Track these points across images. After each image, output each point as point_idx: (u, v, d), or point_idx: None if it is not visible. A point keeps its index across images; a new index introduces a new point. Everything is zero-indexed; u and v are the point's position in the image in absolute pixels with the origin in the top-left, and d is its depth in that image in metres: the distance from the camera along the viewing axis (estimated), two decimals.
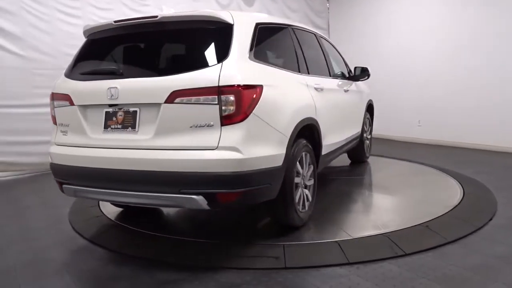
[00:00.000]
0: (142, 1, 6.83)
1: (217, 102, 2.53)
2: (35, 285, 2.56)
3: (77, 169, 2.92)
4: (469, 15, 6.87)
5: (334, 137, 4.04)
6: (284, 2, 8.77)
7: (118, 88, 2.76)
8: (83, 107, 2.95)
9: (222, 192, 2.59)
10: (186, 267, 2.71)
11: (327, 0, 9.55)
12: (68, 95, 3.01)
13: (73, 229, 3.52)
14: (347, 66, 5.11)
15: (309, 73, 3.69)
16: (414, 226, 3.20)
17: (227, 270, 2.62)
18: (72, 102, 2.98)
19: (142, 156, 2.67)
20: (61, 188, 3.10)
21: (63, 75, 3.18)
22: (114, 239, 3.29)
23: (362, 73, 4.97)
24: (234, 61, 2.68)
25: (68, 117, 3.04)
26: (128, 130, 2.78)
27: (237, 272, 2.58)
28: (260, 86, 2.72)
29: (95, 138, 2.89)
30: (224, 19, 2.79)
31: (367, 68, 4.97)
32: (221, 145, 2.54)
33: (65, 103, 3.03)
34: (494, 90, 6.56)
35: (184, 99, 2.58)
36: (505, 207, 3.68)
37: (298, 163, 3.12)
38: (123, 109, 2.80)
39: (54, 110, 3.15)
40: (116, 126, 2.83)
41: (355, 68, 5.01)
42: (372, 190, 4.72)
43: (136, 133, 2.75)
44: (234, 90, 2.55)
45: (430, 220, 3.30)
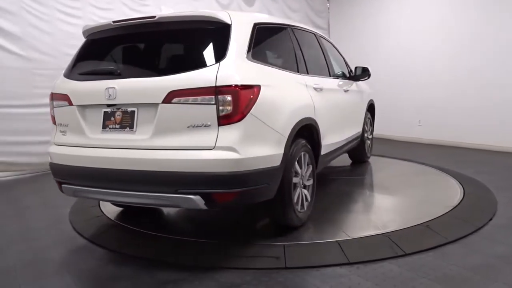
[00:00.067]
0: (142, 1, 6.84)
1: (214, 102, 2.53)
2: (35, 285, 2.56)
3: (76, 169, 2.92)
4: (469, 15, 6.87)
5: (333, 137, 4.04)
6: (284, 2, 8.77)
7: (116, 88, 2.77)
8: (81, 107, 2.96)
9: (219, 192, 2.59)
10: (186, 267, 2.71)
11: (328, 0, 9.55)
12: (67, 95, 3.01)
13: (74, 229, 3.52)
14: (348, 66, 5.10)
15: (308, 73, 3.69)
16: (414, 226, 3.20)
17: (227, 270, 2.62)
18: (70, 102, 2.99)
19: (140, 156, 2.67)
20: (60, 187, 3.11)
21: (62, 75, 3.19)
22: (114, 239, 3.29)
23: (363, 73, 4.96)
24: (232, 61, 2.68)
25: (67, 117, 3.04)
26: (126, 130, 2.79)
27: (237, 272, 2.58)
28: (258, 86, 2.72)
29: (94, 138, 2.90)
30: (221, 19, 2.79)
31: (368, 68, 4.96)
32: (218, 145, 2.54)
33: (64, 103, 3.03)
34: (494, 90, 6.55)
35: (182, 99, 2.59)
36: (506, 207, 3.68)
37: (296, 163, 3.12)
38: (121, 109, 2.81)
39: (53, 110, 3.16)
40: (114, 126, 2.83)
41: (356, 68, 5.00)
42: (372, 190, 4.72)
43: (134, 133, 2.76)
44: (231, 90, 2.55)
45: (431, 220, 3.30)
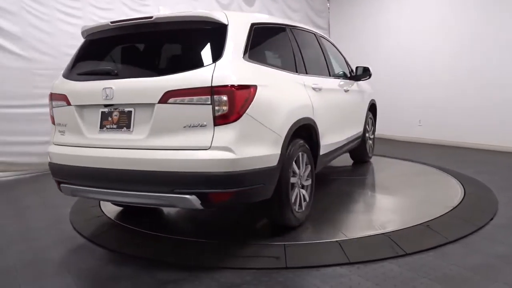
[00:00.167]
0: (142, 1, 6.83)
1: (210, 102, 2.54)
2: (35, 285, 2.56)
3: (74, 169, 2.94)
4: (469, 15, 6.87)
5: (333, 137, 4.02)
6: (284, 2, 8.76)
7: (113, 89, 2.78)
8: (79, 107, 2.97)
9: (215, 192, 2.59)
10: (186, 267, 2.71)
11: (328, 0, 9.55)
12: (65, 95, 3.03)
13: (74, 229, 3.52)
14: (349, 65, 5.09)
15: (307, 73, 3.67)
16: (415, 226, 3.20)
17: (227, 270, 2.61)
18: (69, 102, 3.01)
19: (136, 156, 2.68)
20: (59, 187, 3.12)
21: (61, 76, 3.20)
22: (114, 239, 3.29)
23: (364, 73, 4.95)
24: (228, 62, 2.68)
25: (65, 117, 3.06)
26: (123, 130, 2.79)
27: (237, 272, 2.58)
28: (254, 86, 2.72)
29: (91, 138, 2.91)
30: (218, 20, 2.79)
31: (369, 68, 4.95)
32: (214, 145, 2.55)
33: (63, 103, 3.05)
34: (494, 90, 6.55)
35: (178, 99, 2.59)
36: (506, 206, 3.68)
37: (294, 163, 3.12)
38: (118, 109, 2.82)
39: (52, 110, 3.18)
40: (112, 126, 2.84)
41: (357, 67, 4.99)
42: (372, 190, 4.72)
43: (131, 133, 2.76)
44: (227, 90, 2.55)
45: (431, 220, 3.29)
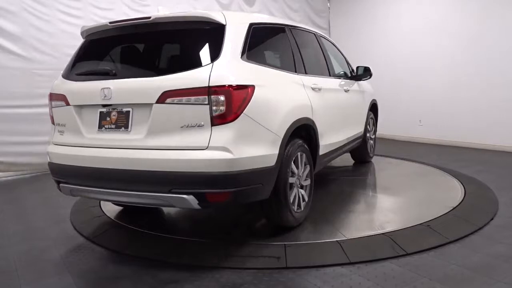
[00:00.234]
0: (143, 1, 6.83)
1: (207, 102, 2.54)
2: (36, 285, 2.56)
3: (73, 168, 2.95)
4: (470, 14, 6.86)
5: (332, 137, 4.02)
6: (285, 2, 8.75)
7: (111, 89, 2.78)
8: (78, 107, 2.99)
9: (212, 192, 2.59)
10: (187, 267, 2.71)
11: None
12: (64, 95, 3.04)
13: (74, 228, 3.53)
14: (349, 65, 5.08)
15: (307, 73, 3.67)
16: (415, 225, 3.20)
17: (228, 270, 2.62)
18: (68, 102, 3.02)
19: (134, 155, 2.69)
20: (58, 187, 3.13)
21: (61, 76, 3.21)
22: (115, 239, 3.29)
23: (365, 73, 4.95)
24: (225, 62, 2.69)
25: (64, 117, 3.07)
26: (121, 130, 2.80)
27: (238, 272, 2.59)
28: (252, 86, 2.72)
29: (90, 137, 2.92)
30: (216, 20, 2.79)
31: (369, 68, 4.95)
32: (211, 145, 2.55)
33: (62, 103, 3.06)
34: (495, 89, 6.55)
35: (175, 99, 2.59)
36: (507, 206, 3.68)
37: (293, 163, 3.12)
38: (116, 109, 2.82)
39: (51, 110, 3.19)
40: (110, 126, 2.85)
41: (358, 67, 4.98)
42: (373, 190, 4.72)
43: (129, 133, 2.77)
44: (224, 90, 2.55)
45: (431, 219, 3.29)
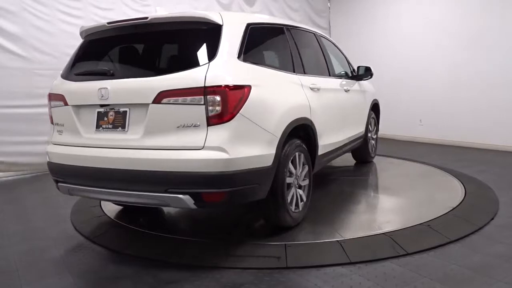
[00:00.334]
0: (143, 1, 6.83)
1: (203, 103, 2.54)
2: (36, 285, 2.56)
3: (71, 168, 2.96)
4: (470, 14, 6.86)
5: (332, 137, 4.01)
6: (285, 2, 8.74)
7: (108, 89, 2.80)
8: (76, 107, 3.00)
9: (208, 192, 2.60)
10: (188, 267, 2.71)
11: None
12: (62, 96, 3.06)
13: (75, 228, 3.53)
14: (350, 65, 5.08)
15: (305, 73, 3.65)
16: (415, 225, 3.20)
17: (228, 270, 2.62)
18: (66, 102, 3.03)
19: (131, 155, 2.70)
20: (57, 186, 3.15)
21: (60, 76, 3.23)
22: (115, 239, 3.29)
23: (365, 73, 4.94)
24: (222, 62, 2.69)
25: (63, 117, 3.09)
26: (119, 130, 2.81)
27: (239, 272, 2.59)
28: (248, 87, 2.72)
29: (88, 137, 2.93)
30: (212, 20, 2.79)
31: (370, 67, 4.95)
32: (207, 145, 2.55)
33: (60, 104, 3.08)
34: (496, 89, 6.54)
35: (171, 99, 2.60)
36: (507, 206, 3.68)
37: (291, 163, 3.11)
38: (114, 109, 2.84)
39: (50, 110, 3.21)
40: (107, 126, 2.86)
41: (358, 67, 4.98)
42: (373, 190, 4.72)
43: (126, 133, 2.78)
44: (220, 90, 2.56)
45: (432, 219, 3.29)
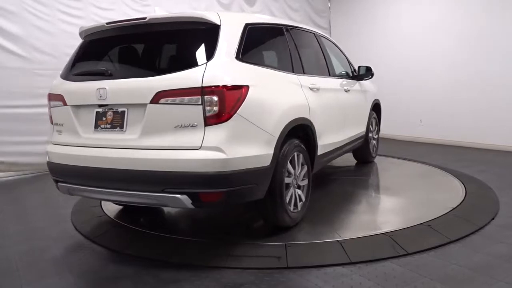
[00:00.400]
0: (143, 1, 6.83)
1: (200, 103, 2.55)
2: (36, 284, 2.56)
3: (70, 168, 2.97)
4: (470, 15, 6.86)
5: (332, 137, 4.00)
6: (285, 2, 8.74)
7: (106, 89, 2.80)
8: (75, 107, 3.01)
9: (205, 191, 2.60)
10: (188, 267, 2.71)
11: None
12: (61, 96, 3.06)
13: (75, 228, 3.53)
14: (351, 65, 5.07)
15: (305, 73, 3.65)
16: (416, 225, 3.20)
17: (229, 270, 2.62)
18: (65, 103, 3.04)
19: (129, 155, 2.71)
20: (57, 186, 3.16)
21: (59, 76, 3.23)
22: (116, 238, 3.30)
23: (366, 72, 4.94)
24: (219, 62, 2.69)
25: (62, 117, 3.09)
26: (117, 130, 2.82)
27: (239, 272, 2.59)
28: (246, 87, 2.72)
29: (87, 137, 2.94)
30: (210, 20, 2.79)
31: (371, 67, 4.95)
32: (204, 145, 2.56)
33: (59, 104, 3.08)
34: (496, 89, 6.54)
35: (169, 99, 2.60)
36: (508, 206, 3.68)
37: (289, 163, 3.11)
38: (112, 109, 2.84)
39: (50, 110, 3.22)
40: (106, 126, 2.87)
41: (359, 67, 4.98)
42: (374, 190, 4.72)
43: (124, 133, 2.79)
44: (218, 90, 2.56)
45: (432, 219, 3.29)
